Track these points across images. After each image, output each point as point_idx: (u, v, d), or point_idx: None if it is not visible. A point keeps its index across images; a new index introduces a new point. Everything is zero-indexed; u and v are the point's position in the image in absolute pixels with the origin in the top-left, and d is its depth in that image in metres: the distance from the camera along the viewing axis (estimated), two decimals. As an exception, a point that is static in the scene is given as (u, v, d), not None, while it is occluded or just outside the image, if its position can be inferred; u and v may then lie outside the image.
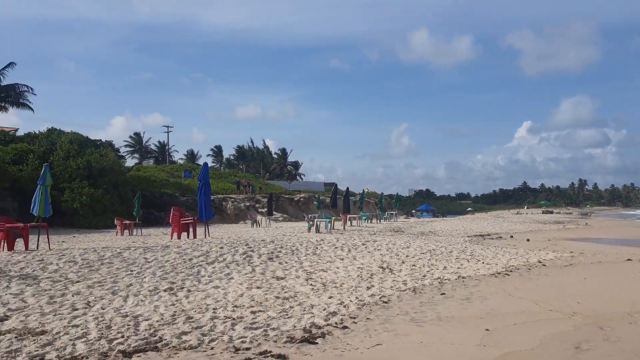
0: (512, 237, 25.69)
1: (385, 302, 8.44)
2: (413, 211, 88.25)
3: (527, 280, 10.72)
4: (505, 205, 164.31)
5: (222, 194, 49.49)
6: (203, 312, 7.59)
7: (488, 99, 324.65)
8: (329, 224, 27.12)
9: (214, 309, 7.85)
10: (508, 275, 11.26)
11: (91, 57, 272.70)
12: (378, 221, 40.56)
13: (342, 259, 13.14)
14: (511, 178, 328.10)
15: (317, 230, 25.21)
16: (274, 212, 50.49)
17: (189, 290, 9.18)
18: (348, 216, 34.69)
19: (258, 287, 9.59)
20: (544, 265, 12.87)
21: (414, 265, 12.57)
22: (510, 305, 8.32)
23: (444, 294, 9.19)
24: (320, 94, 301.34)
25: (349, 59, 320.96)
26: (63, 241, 19.73)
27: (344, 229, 28.55)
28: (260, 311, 7.71)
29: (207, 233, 18.94)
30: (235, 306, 8.04)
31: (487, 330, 6.76)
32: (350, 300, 8.51)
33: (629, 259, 13.96)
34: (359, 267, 12.05)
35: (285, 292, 9.26)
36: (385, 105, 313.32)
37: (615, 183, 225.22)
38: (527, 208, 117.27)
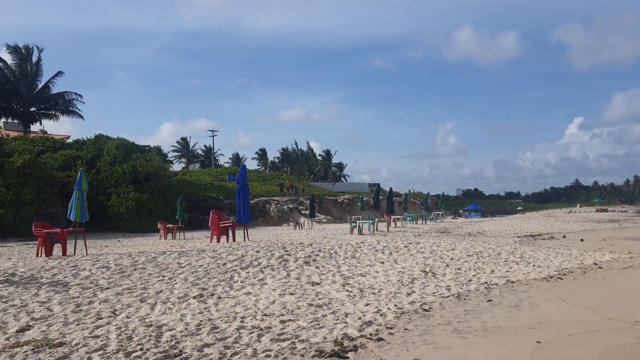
0: (564, 237, 24.48)
1: (426, 310, 7.84)
2: (461, 211, 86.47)
3: (582, 284, 9.89)
4: (557, 203, 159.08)
5: (265, 197, 49.54)
6: (230, 322, 7.18)
7: (536, 96, 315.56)
8: (372, 226, 26.55)
9: (242, 317, 7.43)
10: (561, 279, 10.44)
11: (140, 65, 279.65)
12: (423, 222, 39.64)
13: (382, 263, 12.56)
14: (562, 176, 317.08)
15: (360, 232, 24.65)
16: (317, 214, 50.26)
17: (219, 297, 8.81)
18: (392, 217, 34.05)
19: (291, 294, 9.14)
20: (600, 267, 11.94)
21: (459, 269, 11.87)
22: (564, 313, 7.59)
23: (490, 300, 8.51)
24: (364, 95, 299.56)
25: (392, 59, 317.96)
26: (106, 245, 19.85)
27: (388, 230, 27.89)
28: (291, 320, 7.24)
29: (246, 236, 18.66)
30: (265, 314, 7.60)
31: (538, 342, 6.09)
32: (388, 308, 7.94)
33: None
34: (399, 272, 11.45)
35: (319, 298, 8.77)
36: (430, 104, 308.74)
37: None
38: (580, 206, 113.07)
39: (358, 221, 27.25)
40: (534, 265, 12.28)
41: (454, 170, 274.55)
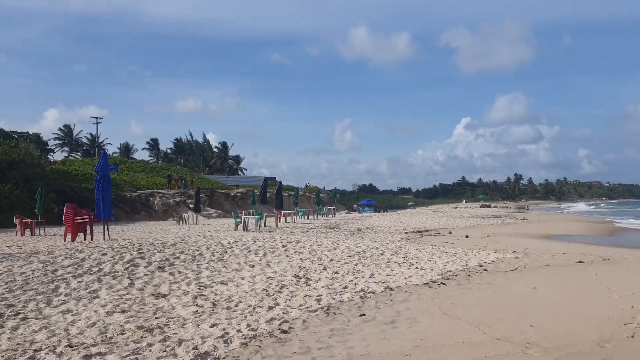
0: (450, 233, 24.23)
1: (285, 332, 6.33)
2: (355, 206, 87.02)
3: (467, 291, 8.87)
4: (445, 199, 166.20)
5: (151, 189, 46.34)
6: (15, 359, 5.27)
7: (429, 96, 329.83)
8: (260, 221, 24.97)
9: (36, 350, 5.52)
10: (444, 284, 9.39)
11: (25, 48, 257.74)
12: (315, 217, 38.65)
13: (252, 266, 10.98)
14: (450, 173, 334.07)
15: (246, 228, 22.99)
16: (207, 208, 47.83)
17: (24, 318, 6.79)
18: (282, 212, 32.68)
19: (123, 311, 7.31)
20: (486, 270, 11.09)
21: (336, 272, 10.55)
22: (447, 331, 6.39)
23: (364, 315, 7.17)
24: (263, 88, 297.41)
25: (290, 54, 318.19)
26: None
27: (277, 226, 26.46)
28: (99, 354, 5.44)
29: (106, 234, 16.35)
30: (70, 345, 5.73)
31: (412, 379, 4.78)
32: (238, 330, 6.36)
33: (579, 261, 12.38)
34: (269, 277, 9.93)
35: (156, 317, 7.02)
36: (328, 100, 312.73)
37: (548, 177, 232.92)
38: (466, 202, 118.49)
39: (243, 216, 25.57)
40: (416, 268, 11.24)
41: (351, 166, 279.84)
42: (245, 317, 7.07)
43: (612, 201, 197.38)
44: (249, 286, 9.15)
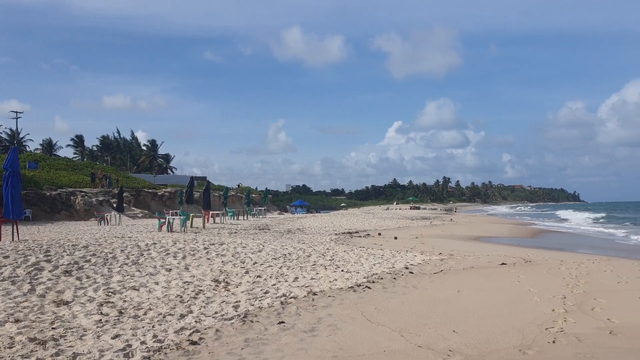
0: (380, 234, 24.27)
1: (194, 343, 5.83)
2: (287, 207, 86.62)
3: (392, 295, 8.64)
4: (377, 200, 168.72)
5: (73, 187, 44.09)
6: None
7: (362, 99, 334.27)
8: (185, 222, 24.12)
9: None
10: (369, 288, 9.13)
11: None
12: (245, 218, 37.94)
13: (169, 270, 10.34)
14: (382, 175, 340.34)
15: (170, 229, 22.10)
16: (133, 208, 46.11)
17: None
18: (210, 212, 31.84)
19: (17, 320, 6.57)
20: (412, 272, 10.94)
21: (259, 276, 10.09)
22: (368, 339, 6.09)
23: (282, 322, 6.76)
24: (195, 86, 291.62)
25: (224, 53, 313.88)
26: None
27: (204, 227, 25.64)
28: (-26, 374, 4.78)
29: (15, 235, 15.17)
30: (-59, 364, 5.02)
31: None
32: (142, 342, 5.80)
33: (503, 263, 12.50)
34: (186, 282, 9.34)
35: (53, 327, 6.33)
36: (262, 100, 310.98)
37: (475, 181, 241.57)
38: (397, 204, 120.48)
39: (168, 217, 24.63)
40: (342, 271, 10.95)
41: (284, 166, 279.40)
42: (153, 326, 6.51)
43: (532, 204, 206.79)
44: (162, 292, 8.55)
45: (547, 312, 7.50)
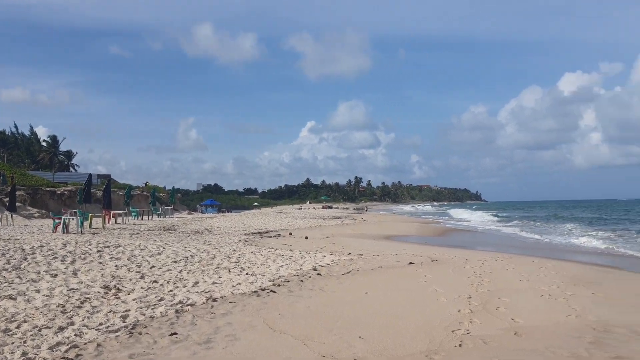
0: (291, 234, 23.88)
1: (68, 362, 5.10)
2: (197, 206, 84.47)
3: (298, 299, 8.21)
4: (290, 200, 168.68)
5: (-42, 186, 40.40)
6: None
7: (275, 98, 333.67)
8: (83, 222, 22.55)
9: None
10: (274, 292, 8.64)
11: None
12: (150, 218, 36.35)
13: (55, 276, 9.34)
14: (296, 174, 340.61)
15: (66, 230, 20.56)
16: (29, 207, 43.03)
17: None
18: (112, 212, 30.18)
19: None
20: (320, 274, 10.58)
21: (155, 281, 9.33)
22: (267, 350, 5.61)
23: (175, 334, 6.13)
24: (101, 81, 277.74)
25: (130, 47, 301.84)
26: None
27: (104, 227, 24.15)
28: None
29: None
30: None
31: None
32: (5, 363, 5.00)
33: (410, 263, 12.45)
34: (72, 289, 8.43)
35: None
36: (171, 97, 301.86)
37: (385, 181, 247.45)
38: (310, 203, 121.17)
39: (64, 217, 22.94)
40: (247, 274, 10.39)
41: (195, 165, 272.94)
42: (25, 342, 5.68)
43: (437, 203, 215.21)
44: (43, 301, 7.62)
45: (453, 313, 7.36)
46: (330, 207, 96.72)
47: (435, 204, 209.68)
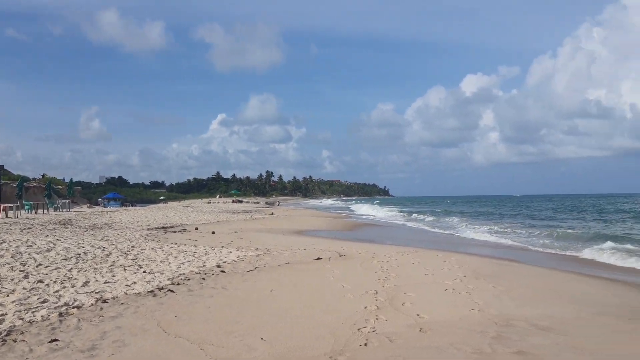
0: (197, 229, 23.09)
1: None
2: (100, 199, 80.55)
3: (198, 298, 7.73)
4: (200, 194, 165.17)
5: None
6: None
7: (185, 89, 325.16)
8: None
9: None
10: (173, 292, 8.10)
11: None
12: (46, 211, 34.03)
13: None
14: (205, 168, 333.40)
15: (-56, 225, 18.66)
16: None
17: None
18: (2, 206, 27.99)
19: None
20: (224, 271, 10.11)
21: (40, 281, 8.48)
22: (160, 356, 5.13)
23: (56, 340, 5.50)
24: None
25: (28, 30, 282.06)
26: None
27: (-9, 222, 22.21)
28: None
29: None
30: None
31: None
32: None
33: (318, 258, 12.26)
34: (-62, 291, 7.46)
35: None
36: (73, 84, 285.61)
37: (296, 175, 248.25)
38: (219, 197, 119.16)
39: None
40: (145, 272, 9.73)
41: (98, 156, 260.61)
42: None
43: (346, 198, 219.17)
44: None
45: (359, 310, 7.19)
46: (241, 202, 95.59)
47: (344, 198, 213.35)
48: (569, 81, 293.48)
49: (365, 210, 65.70)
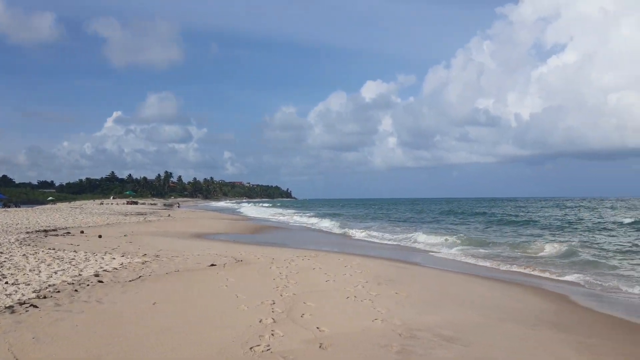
0: (82, 232, 21.24)
1: None
2: (-23, 200, 73.72)
3: (65, 315, 6.64)
4: (93, 194, 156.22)
5: None
6: None
7: (77, 85, 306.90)
8: None
9: None
10: (36, 307, 6.93)
11: None
12: None
13: None
14: (99, 167, 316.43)
15: None
16: None
17: None
18: None
19: None
20: (101, 281, 8.96)
21: None
22: (2, 394, 4.14)
23: None
24: None
25: None
26: None
27: None
28: None
29: None
30: None
31: None
32: None
33: (212, 264, 11.35)
34: None
35: None
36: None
37: (197, 176, 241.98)
38: (113, 198, 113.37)
39: None
40: (7, 282, 8.39)
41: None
42: None
43: (250, 200, 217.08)
44: None
45: (254, 324, 6.47)
46: (136, 203, 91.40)
47: (248, 200, 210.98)
48: (461, 90, 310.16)
49: (267, 212, 64.91)
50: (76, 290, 8.05)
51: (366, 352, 5.57)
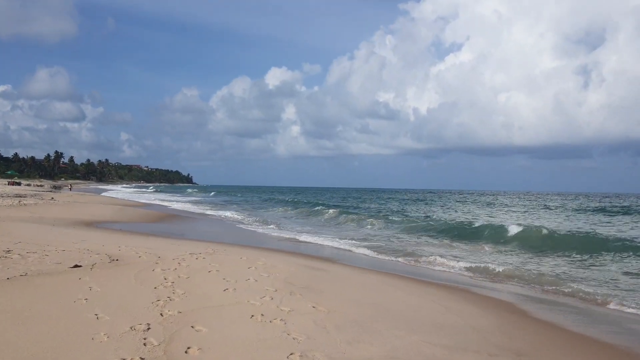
0: None
1: None
2: None
3: None
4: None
5: None
6: None
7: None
8: None
9: None
10: None
11: None
12: None
13: None
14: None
15: None
16: None
17: None
18: None
19: None
20: None
21: None
22: None
23: None
24: None
25: None
26: None
27: None
28: None
29: None
30: None
31: None
32: None
33: (76, 265, 8.77)
34: None
35: None
36: None
37: (91, 158, 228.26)
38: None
39: None
40: None
41: None
42: None
43: (149, 184, 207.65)
44: None
45: (110, 370, 4.26)
46: (19, 184, 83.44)
47: (147, 184, 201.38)
48: (363, 83, 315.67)
49: (164, 198, 61.18)
50: None
51: None
